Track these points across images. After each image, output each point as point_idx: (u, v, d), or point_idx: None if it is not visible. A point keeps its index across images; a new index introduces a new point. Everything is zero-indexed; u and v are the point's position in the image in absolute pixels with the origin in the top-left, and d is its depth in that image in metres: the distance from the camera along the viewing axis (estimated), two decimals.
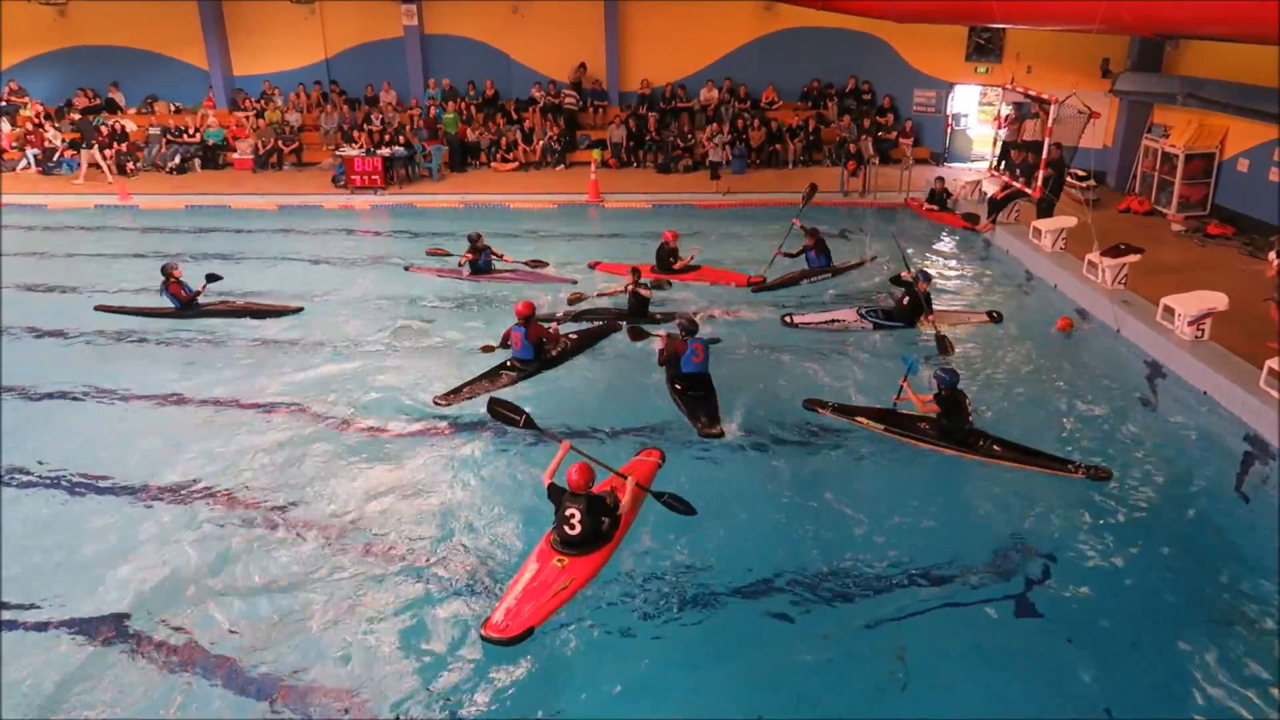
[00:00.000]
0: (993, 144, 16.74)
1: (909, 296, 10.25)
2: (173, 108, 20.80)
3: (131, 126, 20.04)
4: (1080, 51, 16.00)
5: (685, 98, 19.90)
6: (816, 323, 10.46)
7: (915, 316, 10.27)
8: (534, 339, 9.00)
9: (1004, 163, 15.58)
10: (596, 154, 18.61)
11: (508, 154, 19.24)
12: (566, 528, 5.92)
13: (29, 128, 19.80)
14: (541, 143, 19.21)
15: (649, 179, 18.23)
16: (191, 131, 19.86)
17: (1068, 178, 14.34)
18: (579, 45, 20.12)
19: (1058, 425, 8.11)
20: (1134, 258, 10.82)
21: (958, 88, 19.10)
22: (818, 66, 19.88)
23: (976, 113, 19.99)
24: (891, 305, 10.60)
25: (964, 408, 7.49)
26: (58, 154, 19.35)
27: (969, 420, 7.53)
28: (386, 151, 17.85)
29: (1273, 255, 9.03)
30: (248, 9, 20.55)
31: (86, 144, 18.71)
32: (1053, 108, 13.20)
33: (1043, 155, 13.38)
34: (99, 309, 11.13)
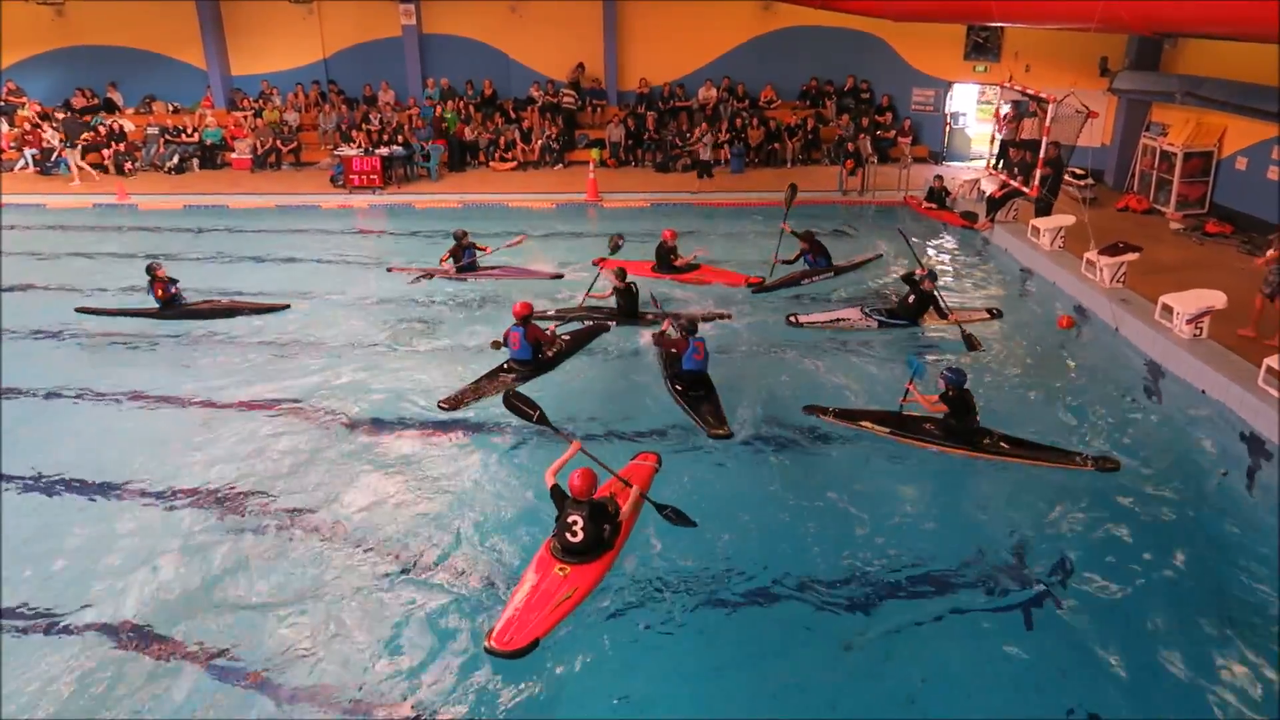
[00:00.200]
0: (990, 142, 16.74)
1: (914, 295, 10.26)
2: (171, 107, 20.77)
3: (130, 126, 20.02)
4: (1078, 50, 16.00)
5: (684, 97, 19.90)
6: (822, 322, 10.46)
7: (920, 315, 10.27)
8: (532, 339, 9.00)
9: (1002, 161, 15.59)
10: (595, 153, 18.60)
11: (506, 153, 19.23)
12: (568, 535, 5.79)
13: (27, 128, 19.78)
14: (540, 142, 19.20)
15: (647, 178, 18.22)
16: (190, 131, 19.85)
17: (1066, 175, 14.34)
18: (577, 44, 20.11)
19: (1056, 424, 8.11)
20: (1132, 256, 10.82)
21: (956, 86, 19.09)
22: (816, 65, 19.88)
23: (975, 111, 19.99)
24: (896, 304, 10.58)
25: (971, 407, 7.48)
26: (55, 154, 19.32)
27: (976, 419, 7.53)
28: (385, 151, 17.84)
29: (1271, 252, 9.02)
30: (246, 9, 20.52)
31: (69, 144, 18.74)
32: (1050, 107, 13.20)
33: (1038, 154, 13.39)
34: (79, 310, 10.94)
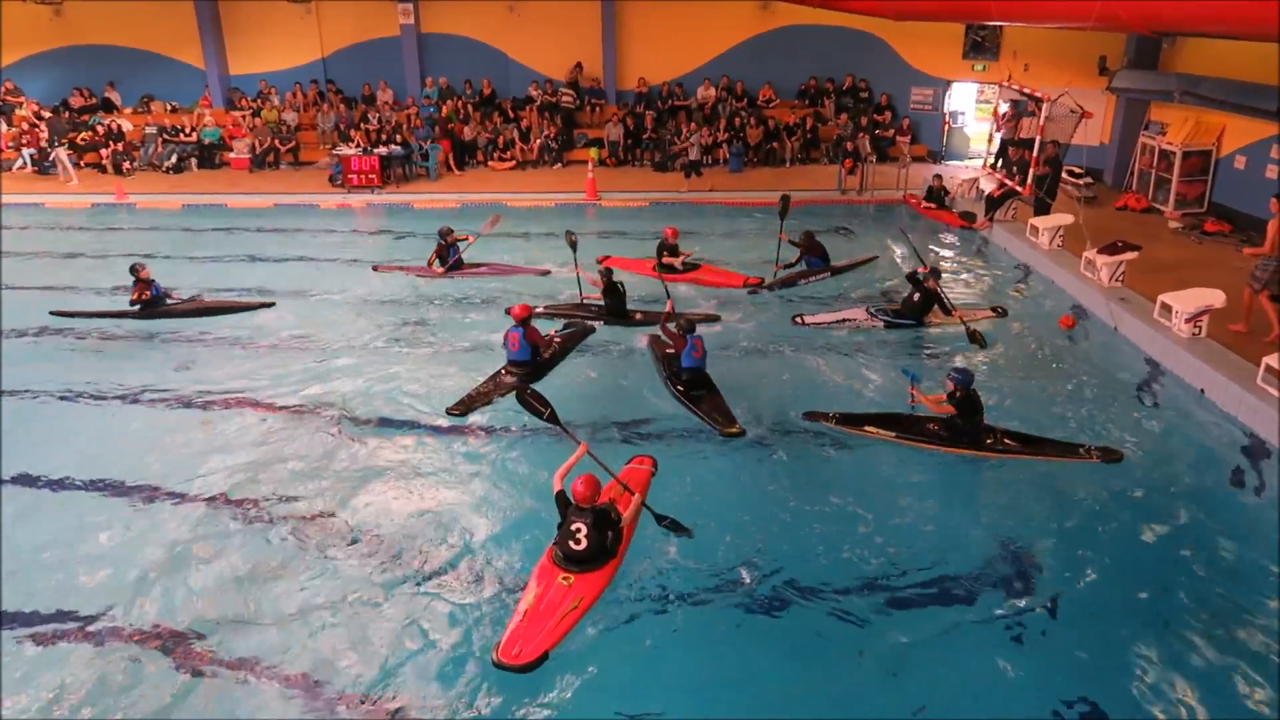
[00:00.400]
0: (987, 141, 16.74)
1: (918, 293, 10.26)
2: (169, 107, 20.76)
3: (128, 126, 20.00)
4: (1077, 49, 16.01)
5: (682, 96, 19.90)
6: (827, 322, 10.45)
7: (925, 313, 10.27)
8: (530, 341, 8.98)
9: (1001, 160, 15.60)
10: (594, 152, 18.59)
11: (505, 153, 19.22)
12: (571, 543, 5.72)
13: (25, 127, 19.75)
14: (539, 141, 19.19)
15: (646, 177, 18.21)
16: (188, 131, 19.83)
17: (1064, 174, 14.34)
18: (576, 44, 20.09)
19: (1056, 423, 8.09)
20: (1131, 255, 10.82)
21: (955, 85, 19.11)
22: (815, 64, 19.87)
23: (974, 110, 19.99)
24: (901, 304, 10.56)
25: (979, 407, 7.45)
26: (53, 154, 19.29)
27: (982, 419, 7.50)
28: (383, 151, 17.83)
29: (1262, 248, 9.04)
30: (244, 8, 20.51)
31: (55, 143, 18.78)
32: (1045, 105, 13.20)
33: (1033, 153, 13.38)
34: (54, 314, 10.84)
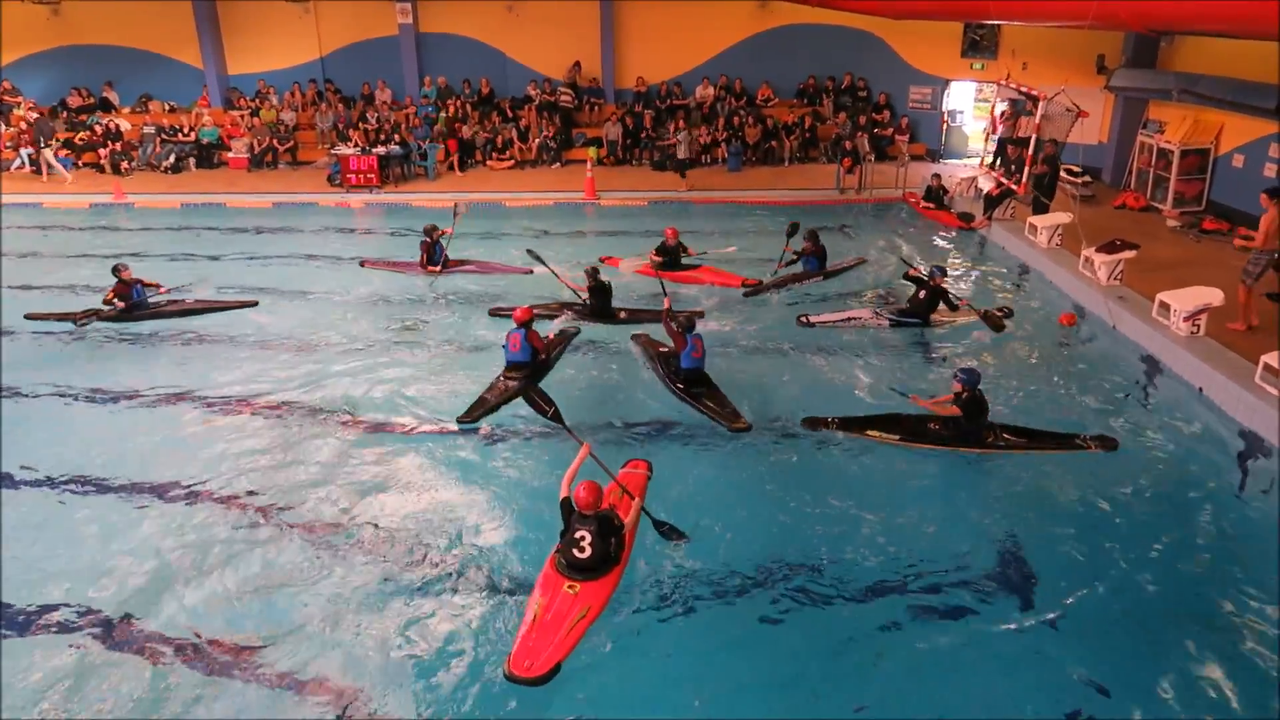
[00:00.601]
0: (984, 140, 16.73)
1: (924, 290, 10.26)
2: (167, 107, 20.74)
3: (126, 126, 19.97)
4: (1075, 48, 16.01)
5: (681, 95, 19.90)
6: (833, 321, 10.45)
7: (931, 311, 10.27)
8: (531, 344, 8.96)
9: (999, 159, 15.61)
10: (592, 152, 18.58)
11: (503, 152, 19.22)
12: (575, 550, 5.65)
13: (23, 127, 19.73)
14: (537, 141, 19.19)
15: (645, 176, 18.22)
16: (186, 131, 19.81)
17: (1062, 173, 14.35)
18: (574, 43, 20.09)
19: (1054, 422, 8.06)
20: (1129, 254, 10.83)
21: (953, 84, 19.12)
22: (813, 64, 19.88)
23: (972, 109, 19.99)
24: (906, 302, 10.55)
25: (985, 408, 7.43)
26: (39, 155, 19.25)
27: (987, 419, 7.49)
28: (382, 150, 17.82)
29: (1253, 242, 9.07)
30: (242, 8, 20.49)
31: (42, 143, 18.77)
32: (1040, 104, 13.21)
33: (1028, 151, 13.39)
34: (28, 317, 10.71)
